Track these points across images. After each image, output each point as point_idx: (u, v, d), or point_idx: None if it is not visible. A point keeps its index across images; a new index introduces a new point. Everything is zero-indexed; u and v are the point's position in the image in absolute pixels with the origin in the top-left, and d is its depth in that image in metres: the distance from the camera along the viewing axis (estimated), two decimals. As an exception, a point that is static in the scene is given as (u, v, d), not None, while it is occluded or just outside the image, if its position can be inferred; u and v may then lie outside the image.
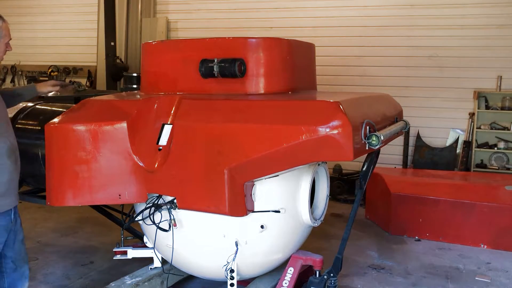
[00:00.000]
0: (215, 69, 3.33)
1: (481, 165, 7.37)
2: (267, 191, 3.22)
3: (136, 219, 3.47)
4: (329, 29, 7.91)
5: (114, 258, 3.93)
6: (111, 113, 3.36)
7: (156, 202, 3.26)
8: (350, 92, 5.71)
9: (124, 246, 3.92)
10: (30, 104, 4.21)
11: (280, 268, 3.61)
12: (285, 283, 3.38)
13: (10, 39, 2.97)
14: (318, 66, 4.14)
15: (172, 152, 3.11)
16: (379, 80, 7.66)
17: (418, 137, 7.63)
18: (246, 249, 3.27)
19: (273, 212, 3.23)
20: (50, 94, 3.78)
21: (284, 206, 3.28)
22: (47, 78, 9.45)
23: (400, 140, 7.48)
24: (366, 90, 7.27)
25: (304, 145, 2.77)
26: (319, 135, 2.72)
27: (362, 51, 7.79)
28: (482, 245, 5.33)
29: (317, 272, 3.44)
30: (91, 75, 9.50)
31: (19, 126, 3.97)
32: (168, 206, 3.21)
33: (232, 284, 3.31)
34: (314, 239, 4.59)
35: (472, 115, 7.38)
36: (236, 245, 3.24)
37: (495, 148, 7.33)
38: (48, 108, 4.02)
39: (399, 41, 7.61)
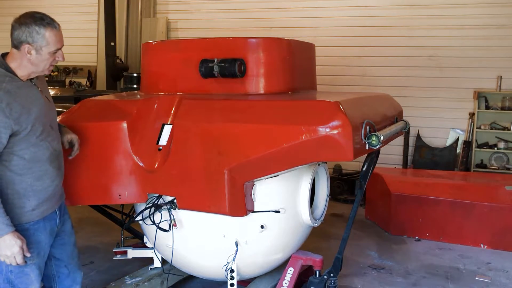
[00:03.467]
0: (215, 69, 3.33)
1: (481, 165, 7.36)
2: (267, 191, 3.22)
3: (136, 219, 3.47)
4: (329, 29, 7.91)
5: (114, 258, 3.93)
6: (111, 113, 3.36)
7: (156, 202, 3.26)
8: (350, 92, 5.71)
9: (124, 246, 3.92)
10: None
11: (280, 268, 3.61)
12: (285, 283, 3.38)
13: (59, 48, 2.61)
14: (318, 66, 4.14)
15: (172, 152, 3.11)
16: (379, 80, 7.66)
17: (418, 137, 7.62)
18: (246, 249, 3.27)
19: (273, 212, 3.23)
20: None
21: (284, 206, 3.28)
22: (46, 78, 9.43)
23: (400, 140, 7.48)
24: (366, 90, 7.27)
25: (304, 145, 2.77)
26: (319, 135, 2.72)
27: (362, 51, 7.79)
28: (482, 245, 5.33)
29: (317, 272, 3.44)
30: (91, 75, 9.50)
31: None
32: (168, 206, 3.21)
33: (232, 284, 3.31)
34: (314, 239, 4.59)
35: (472, 115, 7.37)
36: (236, 245, 3.24)
37: (495, 148, 7.33)
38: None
39: (399, 41, 7.61)
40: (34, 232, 2.62)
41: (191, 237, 3.36)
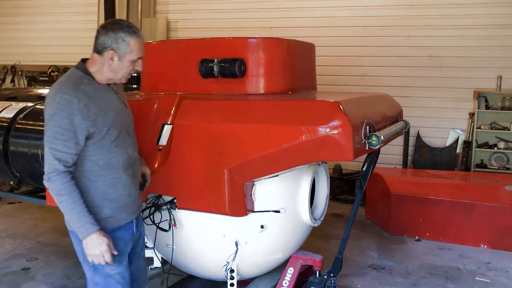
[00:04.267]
0: (215, 69, 3.33)
1: (481, 165, 7.36)
2: (267, 191, 3.22)
3: (136, 219, 3.46)
4: (329, 29, 7.91)
5: (114, 258, 3.92)
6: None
7: (156, 202, 3.26)
8: (350, 92, 5.72)
9: (124, 246, 3.92)
10: (30, 104, 4.21)
11: (280, 268, 3.61)
12: (285, 283, 3.38)
13: (140, 57, 2.51)
14: (318, 66, 4.14)
15: (172, 152, 3.11)
16: (379, 80, 7.66)
17: (418, 137, 7.62)
18: (246, 249, 3.27)
19: (273, 212, 3.23)
20: None
21: (284, 206, 3.27)
22: (47, 78, 9.44)
23: (400, 140, 7.48)
24: (366, 90, 7.27)
25: (304, 145, 2.76)
26: (319, 135, 2.72)
27: (362, 51, 7.79)
28: (482, 245, 5.33)
29: (317, 272, 3.44)
30: (91, 75, 9.49)
31: (19, 126, 3.97)
32: (168, 206, 3.21)
33: (232, 284, 3.31)
34: (314, 239, 4.59)
35: (472, 115, 7.37)
36: (236, 245, 3.24)
37: (495, 148, 7.33)
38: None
39: (399, 41, 7.61)
40: (112, 239, 2.50)
41: (191, 237, 3.35)
